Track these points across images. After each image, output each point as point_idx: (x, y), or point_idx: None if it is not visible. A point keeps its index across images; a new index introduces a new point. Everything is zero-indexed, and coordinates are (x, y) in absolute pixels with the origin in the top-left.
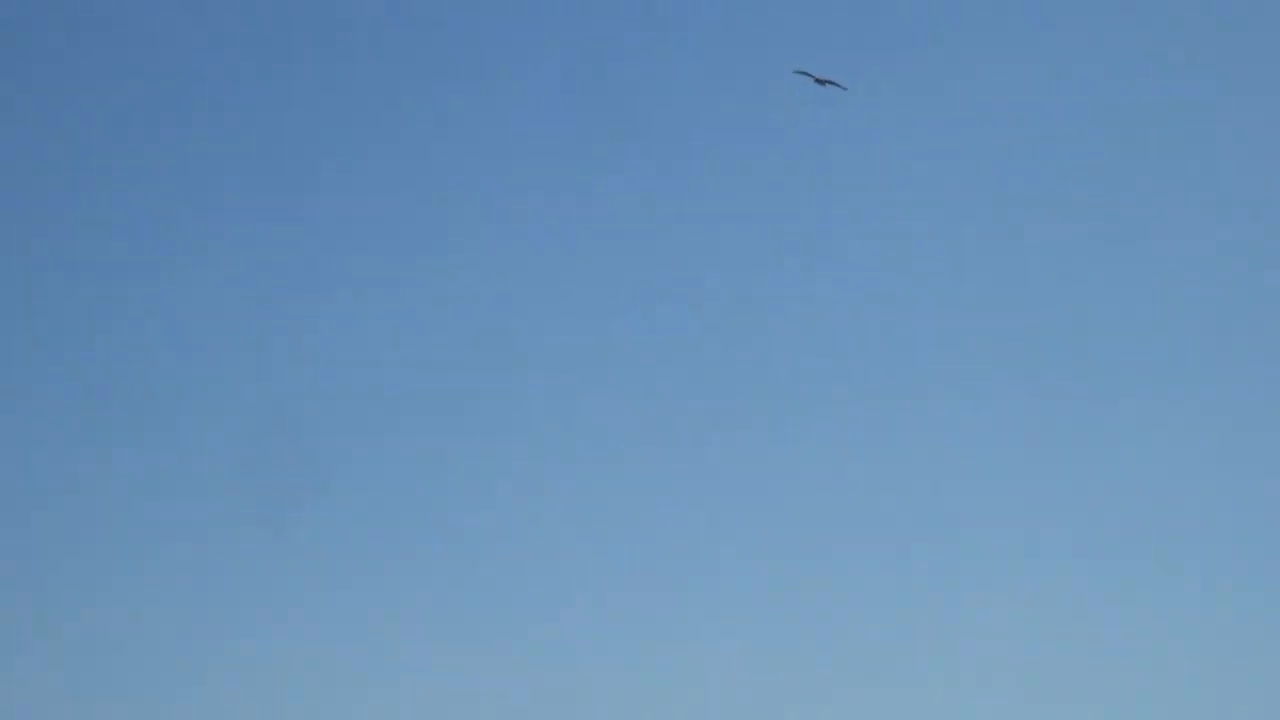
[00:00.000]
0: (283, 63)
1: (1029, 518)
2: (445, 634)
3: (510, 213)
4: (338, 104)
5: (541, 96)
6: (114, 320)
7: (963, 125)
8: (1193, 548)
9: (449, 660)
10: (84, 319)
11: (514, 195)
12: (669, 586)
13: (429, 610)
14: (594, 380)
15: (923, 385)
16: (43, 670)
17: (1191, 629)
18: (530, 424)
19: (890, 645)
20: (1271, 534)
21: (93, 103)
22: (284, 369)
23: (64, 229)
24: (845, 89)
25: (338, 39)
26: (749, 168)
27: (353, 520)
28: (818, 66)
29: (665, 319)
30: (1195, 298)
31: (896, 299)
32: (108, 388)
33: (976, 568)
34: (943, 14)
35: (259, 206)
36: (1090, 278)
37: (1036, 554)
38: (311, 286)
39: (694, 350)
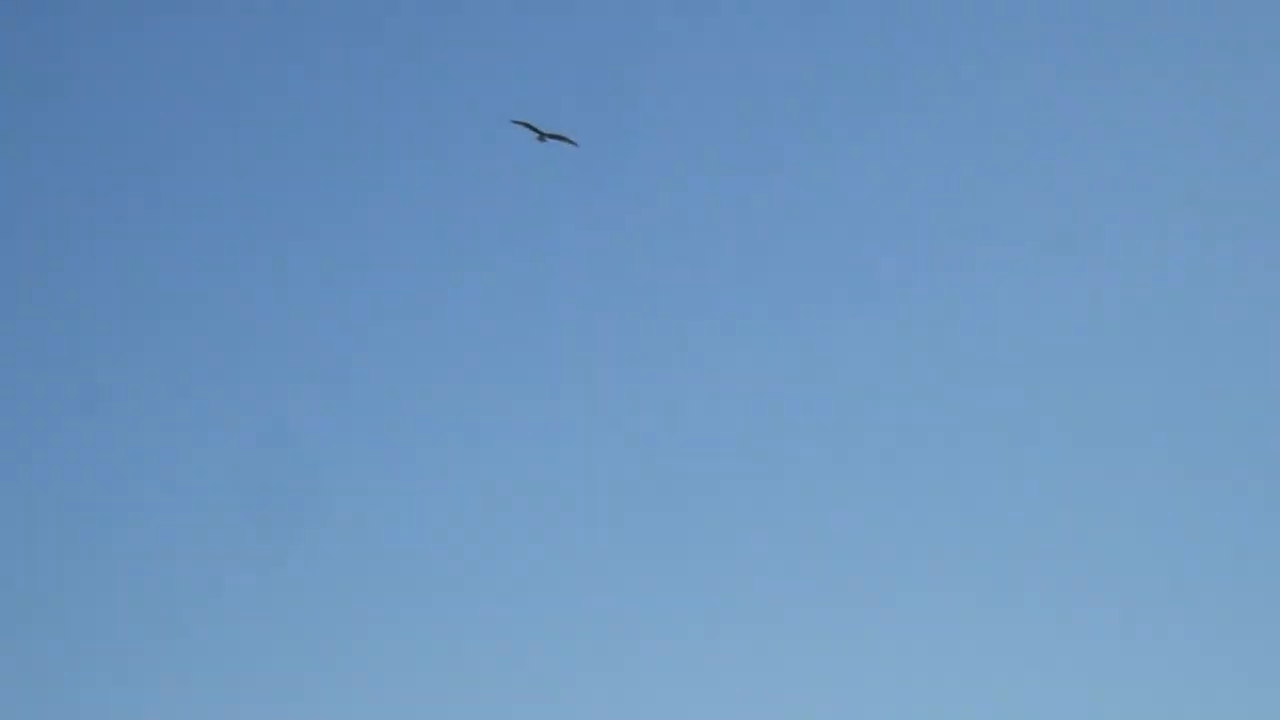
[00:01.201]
0: (282, 67)
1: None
2: (443, 649)
3: (513, 226)
4: (338, 116)
5: (542, 105)
6: (115, 334)
7: (968, 130)
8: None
9: (446, 676)
10: (85, 332)
11: (517, 210)
12: (673, 607)
13: (428, 626)
14: (597, 393)
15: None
16: (40, 681)
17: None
18: (532, 440)
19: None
20: None
21: (95, 109)
22: (283, 386)
23: (64, 240)
24: (574, 144)
25: (338, 45)
26: (751, 168)
27: (352, 537)
28: (818, 66)
29: (672, 330)
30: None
31: (903, 305)
32: (108, 404)
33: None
34: (950, 19)
35: (260, 217)
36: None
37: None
38: (312, 300)
39: (697, 356)
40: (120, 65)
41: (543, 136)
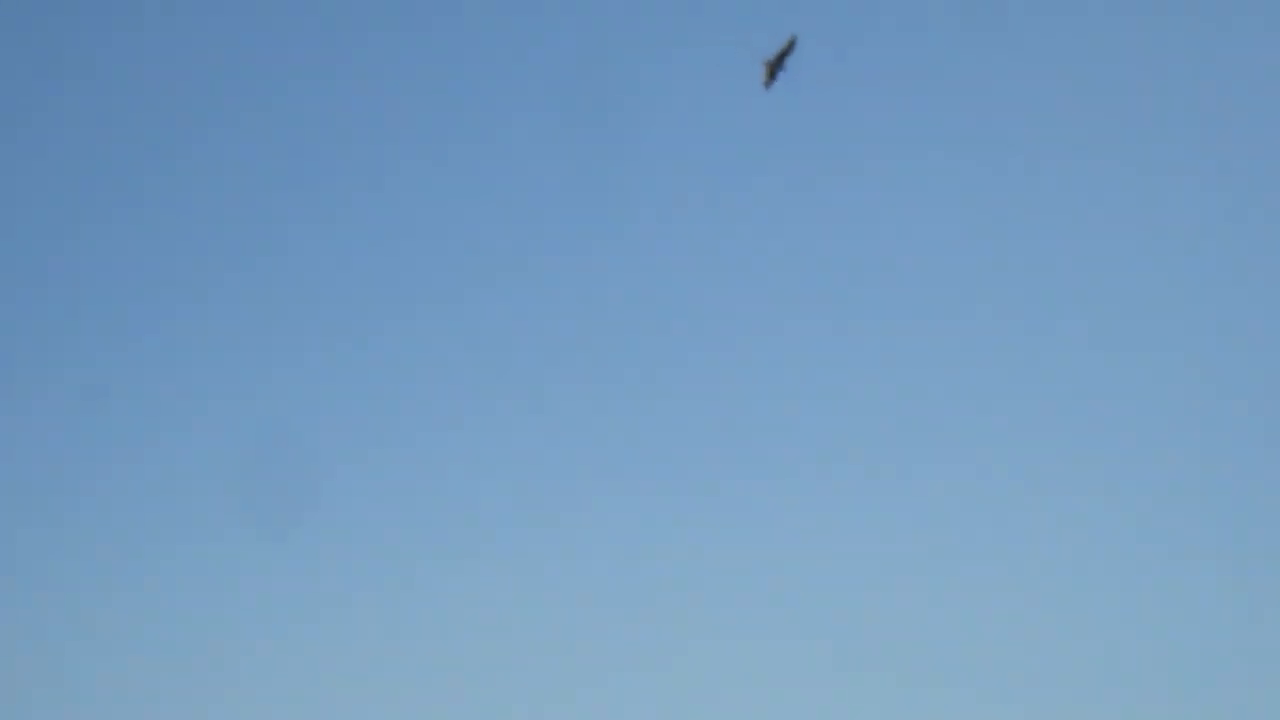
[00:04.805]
0: (275, 67)
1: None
2: (441, 640)
3: (508, 220)
4: (330, 115)
5: (535, 105)
6: (110, 328)
7: (963, 123)
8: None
9: (445, 667)
10: (80, 326)
11: (511, 203)
12: (669, 593)
13: (425, 617)
14: (598, 389)
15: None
16: (39, 676)
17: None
18: (527, 432)
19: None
20: None
21: (94, 104)
22: (279, 377)
23: (61, 237)
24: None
25: (330, 43)
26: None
27: (349, 528)
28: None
29: (666, 328)
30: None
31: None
32: (103, 396)
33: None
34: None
35: (256, 212)
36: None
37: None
38: (307, 293)
39: (690, 353)
40: (117, 61)
41: (773, 70)
